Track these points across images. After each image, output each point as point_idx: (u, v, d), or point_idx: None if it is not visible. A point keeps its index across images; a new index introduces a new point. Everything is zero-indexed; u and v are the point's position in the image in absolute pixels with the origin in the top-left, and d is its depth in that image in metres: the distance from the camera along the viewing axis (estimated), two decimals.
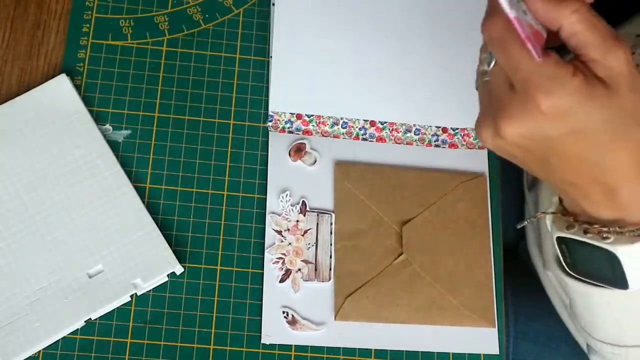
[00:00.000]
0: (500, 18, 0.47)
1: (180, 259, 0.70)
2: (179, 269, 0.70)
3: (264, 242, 0.73)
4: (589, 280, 0.57)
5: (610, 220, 0.52)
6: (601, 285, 0.56)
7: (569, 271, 0.58)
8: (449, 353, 0.72)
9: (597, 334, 0.64)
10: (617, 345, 0.62)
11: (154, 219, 0.71)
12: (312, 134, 0.76)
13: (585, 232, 0.54)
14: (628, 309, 0.59)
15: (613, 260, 0.53)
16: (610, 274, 0.54)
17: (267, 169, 0.75)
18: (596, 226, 0.53)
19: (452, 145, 0.77)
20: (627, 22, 0.79)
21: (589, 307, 0.60)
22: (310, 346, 0.71)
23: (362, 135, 0.77)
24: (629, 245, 0.52)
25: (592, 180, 0.50)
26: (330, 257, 0.73)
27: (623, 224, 0.52)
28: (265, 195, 0.74)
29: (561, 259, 0.57)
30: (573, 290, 0.59)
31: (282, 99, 0.76)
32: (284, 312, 0.71)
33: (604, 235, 0.52)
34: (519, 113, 0.47)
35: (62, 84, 0.73)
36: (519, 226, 0.64)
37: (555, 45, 0.49)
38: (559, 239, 0.56)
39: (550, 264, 0.62)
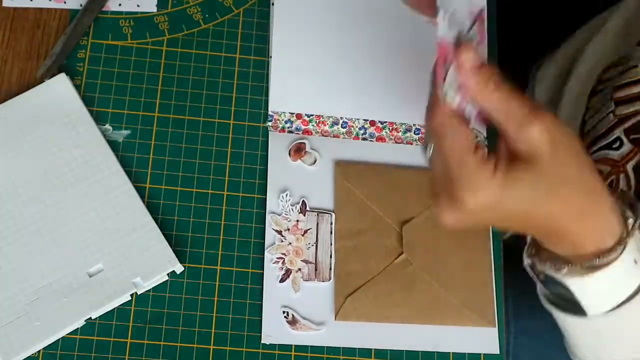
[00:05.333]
0: (440, 110, 0.51)
1: (180, 259, 0.70)
2: (179, 268, 0.70)
3: (264, 242, 0.73)
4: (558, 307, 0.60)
5: (567, 256, 0.56)
6: (567, 312, 0.59)
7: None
8: (449, 353, 0.72)
9: (577, 356, 0.67)
10: None
11: (154, 218, 0.71)
12: (312, 134, 0.76)
13: (545, 261, 0.57)
14: (599, 335, 0.61)
15: (568, 290, 0.57)
16: (570, 303, 0.58)
17: (267, 168, 0.75)
18: (551, 259, 0.57)
19: None
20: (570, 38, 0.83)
21: (567, 332, 0.63)
22: (310, 346, 0.71)
23: (362, 135, 0.77)
24: (580, 278, 0.55)
25: (540, 229, 0.55)
26: (331, 256, 0.73)
27: (576, 259, 0.55)
28: (265, 195, 0.74)
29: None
30: (555, 316, 0.62)
31: (281, 98, 0.76)
32: (284, 312, 0.71)
33: (557, 267, 0.56)
34: (447, 206, 0.52)
35: (61, 83, 0.73)
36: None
37: None
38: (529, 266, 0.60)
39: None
